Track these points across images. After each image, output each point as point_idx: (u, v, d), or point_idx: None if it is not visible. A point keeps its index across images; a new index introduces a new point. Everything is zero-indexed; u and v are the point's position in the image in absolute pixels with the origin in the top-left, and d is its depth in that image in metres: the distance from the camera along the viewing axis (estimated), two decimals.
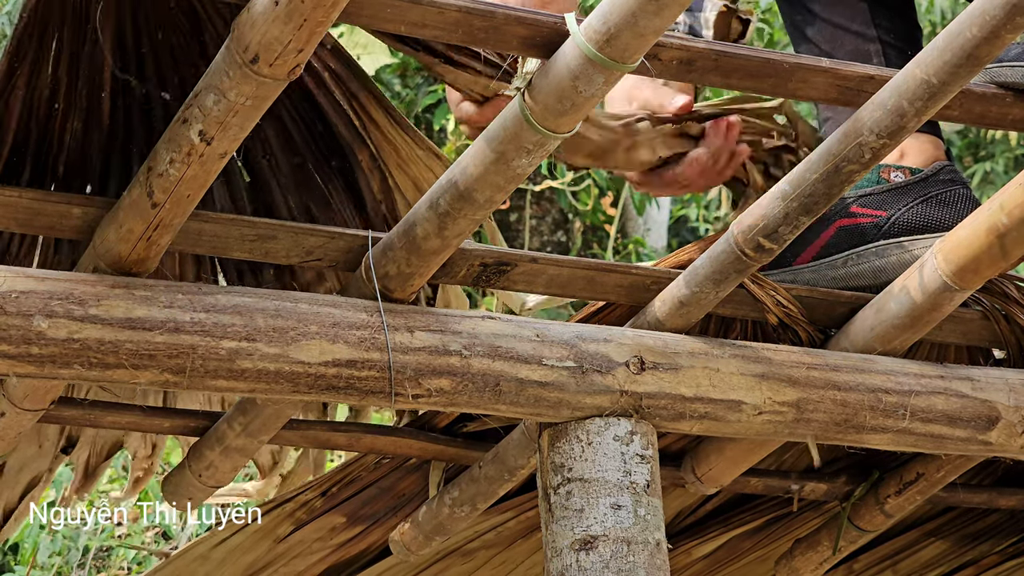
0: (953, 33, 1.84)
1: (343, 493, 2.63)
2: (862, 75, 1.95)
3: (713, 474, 2.55)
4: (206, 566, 2.70)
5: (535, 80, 1.81)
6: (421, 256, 2.00)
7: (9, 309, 1.82)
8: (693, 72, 1.89)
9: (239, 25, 1.71)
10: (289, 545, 2.69)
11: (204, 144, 1.80)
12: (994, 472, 2.85)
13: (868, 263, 2.35)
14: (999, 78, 2.02)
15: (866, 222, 2.36)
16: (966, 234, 2.15)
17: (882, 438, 2.22)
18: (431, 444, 2.50)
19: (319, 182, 2.15)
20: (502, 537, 2.77)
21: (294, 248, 2.05)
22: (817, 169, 1.99)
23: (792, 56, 1.93)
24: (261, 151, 2.12)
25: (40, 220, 1.96)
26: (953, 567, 3.02)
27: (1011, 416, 2.27)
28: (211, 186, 1.97)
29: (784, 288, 2.27)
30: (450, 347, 2.00)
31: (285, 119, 2.09)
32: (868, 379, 2.20)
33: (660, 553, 2.04)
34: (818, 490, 2.73)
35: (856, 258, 2.35)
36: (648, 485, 2.05)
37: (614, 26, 1.73)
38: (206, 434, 2.42)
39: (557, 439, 2.07)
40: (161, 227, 1.89)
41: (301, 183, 2.14)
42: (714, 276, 2.11)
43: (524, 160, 1.87)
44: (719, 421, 2.14)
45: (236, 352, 1.90)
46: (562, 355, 2.05)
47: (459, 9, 1.76)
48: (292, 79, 1.75)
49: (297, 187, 2.15)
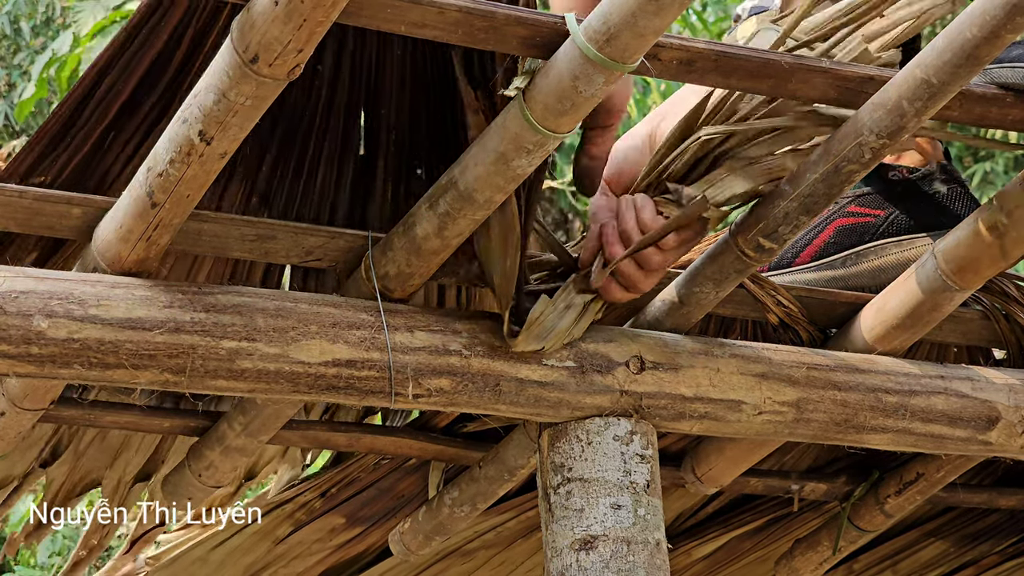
0: (953, 33, 1.84)
1: (342, 494, 2.63)
2: (862, 75, 1.95)
3: (713, 474, 2.55)
4: (205, 568, 2.70)
5: (535, 80, 1.81)
6: (421, 256, 2.00)
7: (9, 309, 1.82)
8: (693, 72, 1.88)
9: (239, 25, 1.71)
10: (288, 546, 2.69)
11: (204, 144, 1.80)
12: (994, 472, 2.85)
13: (867, 262, 2.35)
14: (999, 79, 2.01)
15: (865, 222, 2.36)
16: (966, 234, 2.15)
17: (882, 438, 2.22)
18: (431, 444, 2.50)
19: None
20: (502, 537, 2.78)
21: (294, 248, 2.05)
22: (817, 169, 1.99)
23: (791, 56, 1.93)
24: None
25: (40, 220, 1.96)
26: (953, 567, 3.02)
27: (1011, 416, 2.27)
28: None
29: (784, 288, 2.27)
30: (450, 347, 2.00)
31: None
32: (868, 379, 2.20)
33: (660, 553, 2.04)
34: (818, 490, 2.73)
35: (855, 257, 2.35)
36: (648, 485, 2.05)
37: (614, 26, 1.73)
38: (206, 434, 2.42)
39: (557, 439, 2.07)
40: (161, 227, 1.89)
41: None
42: (714, 276, 2.11)
43: (524, 160, 1.87)
44: (719, 421, 2.14)
45: (236, 352, 1.91)
46: (562, 355, 2.06)
47: (459, 9, 1.76)
48: (292, 79, 1.75)
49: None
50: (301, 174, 2.08)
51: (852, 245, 2.37)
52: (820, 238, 2.37)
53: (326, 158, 2.08)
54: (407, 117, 2.07)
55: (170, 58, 1.93)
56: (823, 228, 2.37)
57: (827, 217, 2.36)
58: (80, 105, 1.94)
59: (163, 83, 1.95)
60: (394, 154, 2.09)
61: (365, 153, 2.10)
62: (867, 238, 2.36)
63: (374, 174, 2.10)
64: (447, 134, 2.05)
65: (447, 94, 2.03)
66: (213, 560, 2.69)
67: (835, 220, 2.37)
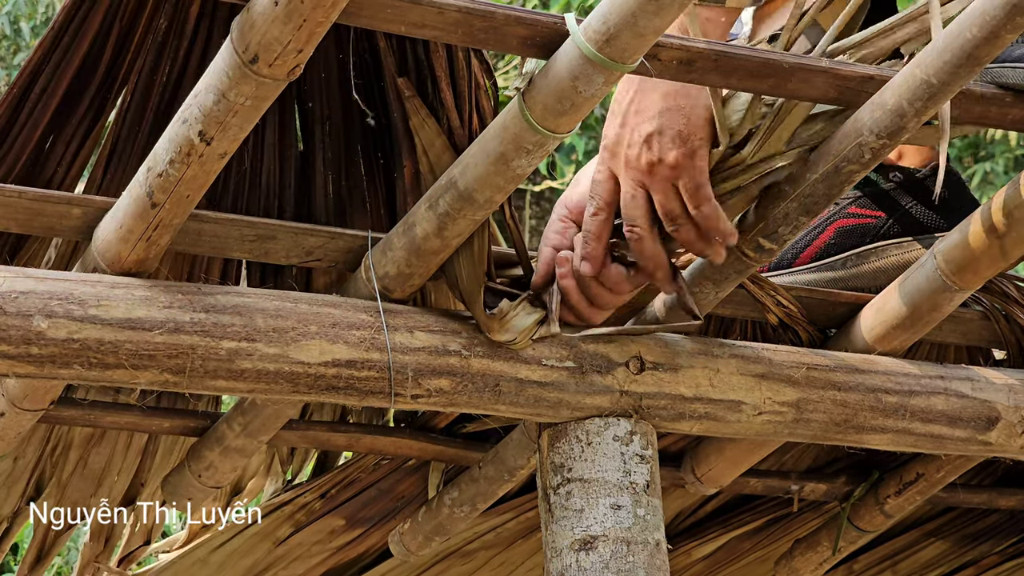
0: (953, 33, 1.84)
1: (343, 495, 2.63)
2: (862, 75, 1.95)
3: (713, 474, 2.55)
4: (206, 569, 2.70)
5: (535, 80, 1.82)
6: (421, 256, 2.00)
7: (9, 309, 1.82)
8: (693, 72, 1.88)
9: (239, 25, 1.71)
10: (288, 548, 2.69)
11: (204, 144, 1.80)
12: (994, 472, 2.85)
13: (868, 264, 2.34)
14: (1000, 79, 2.01)
15: (865, 223, 2.36)
16: (966, 234, 2.15)
17: (882, 438, 2.22)
18: (430, 444, 2.50)
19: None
20: (501, 538, 2.77)
21: (294, 248, 2.05)
22: (817, 169, 1.99)
23: (792, 56, 1.93)
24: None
25: (40, 220, 1.96)
26: (953, 567, 3.02)
27: (1011, 416, 2.27)
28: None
29: (784, 288, 2.27)
30: (450, 347, 2.00)
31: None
32: (868, 379, 2.20)
33: (660, 553, 2.04)
34: (818, 490, 2.73)
35: (856, 259, 2.35)
36: (648, 485, 2.05)
37: (614, 26, 1.73)
38: (206, 434, 2.42)
39: (557, 439, 2.07)
40: (161, 227, 1.89)
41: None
42: (714, 276, 2.11)
43: (524, 160, 1.87)
44: (719, 421, 2.14)
45: (236, 352, 1.90)
46: (562, 355, 2.05)
47: (459, 9, 1.76)
48: (292, 79, 1.75)
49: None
50: (245, 170, 2.09)
51: (853, 247, 2.36)
52: (820, 239, 2.37)
53: (268, 153, 2.09)
54: (340, 108, 2.07)
55: (99, 58, 1.94)
56: (823, 229, 2.37)
57: (827, 218, 2.36)
58: (15, 109, 1.95)
59: (95, 83, 1.96)
60: (331, 146, 2.10)
61: (304, 147, 2.10)
62: (867, 239, 2.35)
63: (314, 168, 2.11)
64: (381, 123, 2.06)
65: (375, 82, 2.04)
66: (213, 561, 2.69)
67: (835, 221, 2.37)
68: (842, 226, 2.37)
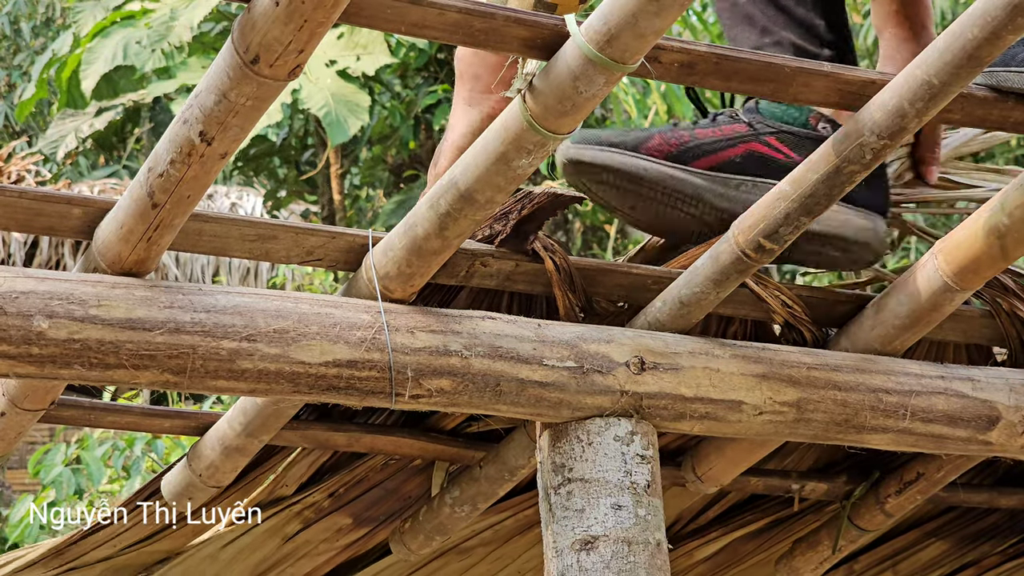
0: (954, 34, 1.84)
1: (350, 493, 2.63)
2: (864, 79, 1.95)
3: (713, 473, 2.55)
4: (215, 565, 2.70)
5: (535, 81, 1.81)
6: (421, 256, 2.00)
7: (9, 309, 1.82)
8: (694, 75, 1.88)
9: (240, 26, 1.71)
10: (296, 545, 2.69)
11: (204, 144, 1.80)
12: (994, 472, 2.85)
13: (759, 196, 2.32)
14: (1006, 83, 2.01)
15: (777, 157, 2.33)
16: (966, 234, 2.15)
17: (882, 438, 2.22)
18: (431, 444, 2.50)
19: None
20: (499, 535, 2.78)
21: (295, 248, 2.05)
22: (818, 169, 1.99)
23: (794, 60, 1.93)
24: None
25: (40, 220, 1.96)
26: (954, 568, 3.02)
27: (1011, 416, 2.27)
28: None
29: (787, 288, 2.26)
30: (450, 347, 2.00)
31: None
32: (868, 379, 2.20)
33: (660, 553, 2.04)
34: (818, 490, 2.73)
35: (751, 186, 2.31)
36: (648, 485, 2.05)
37: (614, 27, 1.73)
38: (206, 434, 2.43)
39: (558, 439, 2.07)
40: (161, 227, 1.89)
41: None
42: (715, 276, 2.11)
43: (524, 161, 1.87)
44: (719, 421, 2.14)
45: (236, 352, 1.90)
46: (562, 355, 2.05)
47: (459, 10, 1.76)
48: (292, 79, 1.75)
49: None
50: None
51: (756, 174, 2.33)
52: (728, 152, 2.33)
53: None
54: None
55: None
56: (735, 145, 2.33)
57: (743, 136, 2.33)
58: None
59: None
60: None
61: None
62: (773, 174, 2.32)
63: None
64: None
65: None
66: (223, 558, 2.69)
67: (750, 142, 2.34)
68: (754, 150, 2.34)
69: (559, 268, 2.15)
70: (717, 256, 2.10)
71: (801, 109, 2.33)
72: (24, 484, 10.16)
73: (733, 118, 2.35)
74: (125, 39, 11.23)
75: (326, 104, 10.59)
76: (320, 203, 12.52)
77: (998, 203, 2.11)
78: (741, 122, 2.34)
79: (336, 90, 10.65)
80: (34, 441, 10.62)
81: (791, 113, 2.34)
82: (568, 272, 2.16)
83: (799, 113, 2.33)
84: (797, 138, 2.33)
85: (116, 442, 6.85)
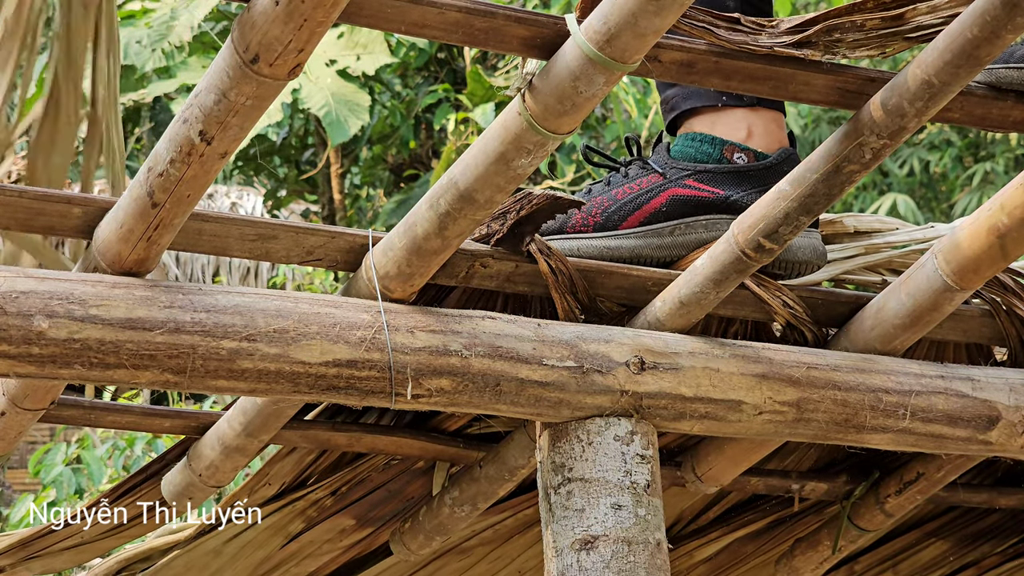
0: (953, 33, 1.84)
1: (353, 493, 2.63)
2: (863, 78, 1.95)
3: (713, 473, 2.55)
4: (219, 560, 2.70)
5: (535, 81, 1.81)
6: (421, 256, 2.00)
7: (9, 309, 1.82)
8: (694, 74, 1.88)
9: (239, 25, 1.71)
10: (300, 545, 2.69)
11: (204, 144, 1.80)
12: (994, 472, 2.85)
13: (695, 234, 2.31)
14: (1005, 80, 2.01)
15: (701, 196, 2.34)
16: (966, 234, 2.15)
17: (882, 438, 2.22)
18: (431, 444, 2.50)
19: None
20: (499, 535, 2.78)
21: (294, 248, 2.05)
22: (818, 169, 1.99)
23: (794, 60, 1.93)
24: None
25: (40, 220, 1.96)
26: (954, 568, 3.02)
27: (1011, 416, 2.27)
28: None
29: (788, 288, 2.26)
30: (450, 347, 2.00)
31: None
32: (868, 379, 2.20)
33: (660, 553, 2.04)
34: (818, 490, 2.73)
35: (685, 228, 2.32)
36: (648, 485, 2.05)
37: (614, 26, 1.73)
38: (206, 434, 2.42)
39: (557, 439, 2.07)
40: (161, 227, 1.89)
41: None
42: (714, 276, 2.11)
43: (524, 160, 1.87)
44: (719, 421, 2.14)
45: (236, 352, 1.90)
46: (562, 355, 2.05)
47: (459, 9, 1.76)
48: (292, 79, 1.75)
49: None
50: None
51: (685, 215, 2.33)
52: (652, 204, 2.33)
53: None
54: None
55: None
56: (657, 194, 2.34)
57: (661, 185, 2.34)
58: None
59: None
60: None
61: None
62: (701, 211, 2.32)
63: None
64: None
65: None
66: (227, 552, 2.69)
67: (670, 189, 2.34)
68: (676, 195, 2.34)
69: (555, 271, 2.15)
70: (717, 256, 2.10)
71: (714, 144, 2.33)
72: (24, 484, 10.16)
73: (645, 168, 2.35)
74: (125, 39, 11.23)
75: (326, 104, 10.59)
76: (320, 203, 12.52)
77: (998, 203, 2.11)
78: (654, 172, 2.34)
79: (336, 90, 10.65)
80: (34, 441, 10.62)
81: (704, 150, 2.34)
82: (567, 275, 2.16)
83: (712, 148, 2.33)
84: (714, 174, 2.33)
85: (116, 442, 6.85)
